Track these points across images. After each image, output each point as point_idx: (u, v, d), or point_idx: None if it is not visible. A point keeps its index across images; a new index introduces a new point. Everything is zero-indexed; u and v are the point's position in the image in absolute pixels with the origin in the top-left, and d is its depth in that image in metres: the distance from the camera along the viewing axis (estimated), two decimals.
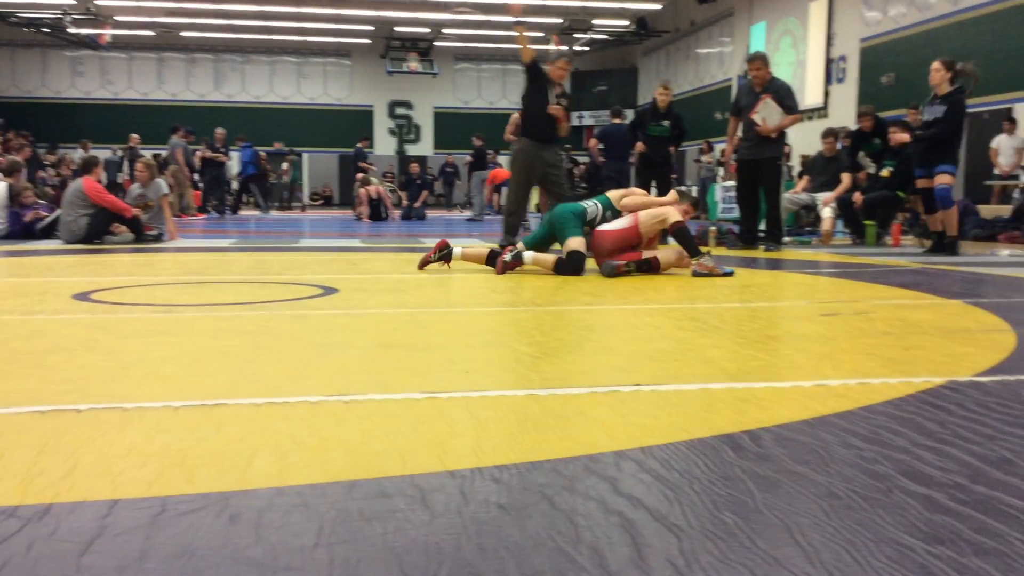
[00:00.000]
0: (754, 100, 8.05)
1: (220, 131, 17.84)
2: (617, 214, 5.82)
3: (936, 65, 7.66)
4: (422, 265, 5.68)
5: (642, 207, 5.77)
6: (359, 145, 20.32)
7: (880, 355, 2.72)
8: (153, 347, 2.83)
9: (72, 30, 24.48)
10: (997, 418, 1.94)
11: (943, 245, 7.97)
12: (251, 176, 18.97)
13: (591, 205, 5.87)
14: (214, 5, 23.07)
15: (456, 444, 1.71)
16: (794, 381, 2.33)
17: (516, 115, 10.79)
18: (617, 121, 11.16)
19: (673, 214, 5.55)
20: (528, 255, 5.61)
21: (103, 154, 19.29)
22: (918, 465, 1.60)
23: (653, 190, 9.39)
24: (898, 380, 2.33)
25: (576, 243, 5.64)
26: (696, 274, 5.36)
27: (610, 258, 5.62)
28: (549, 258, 5.64)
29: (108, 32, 24.66)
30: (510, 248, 5.64)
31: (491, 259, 5.68)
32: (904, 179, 9.21)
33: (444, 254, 5.70)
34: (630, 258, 5.54)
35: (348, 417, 1.91)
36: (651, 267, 5.53)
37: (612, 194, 6.02)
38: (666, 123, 9.44)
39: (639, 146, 9.55)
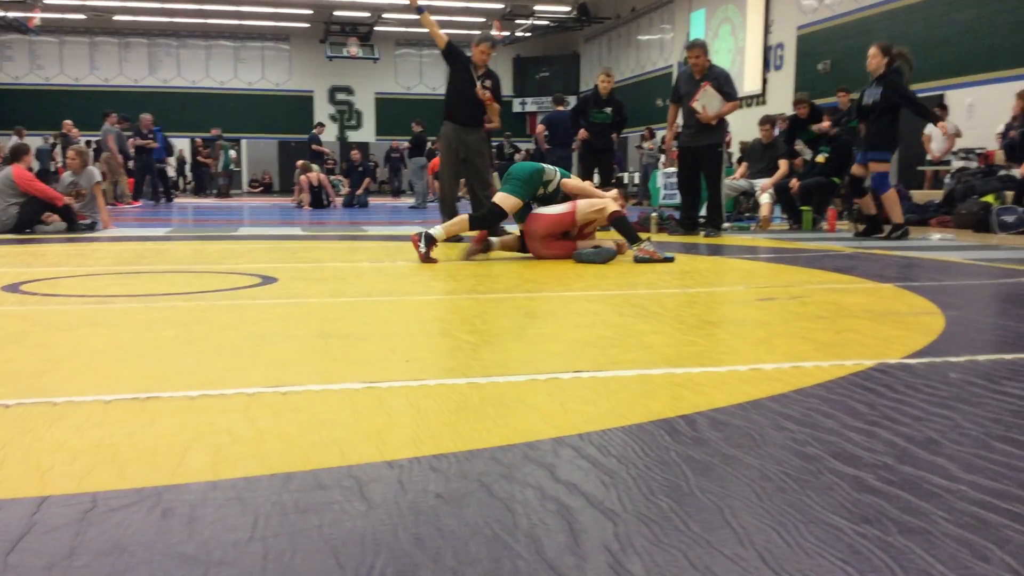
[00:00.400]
0: (694, 87, 8.11)
1: (146, 116, 17.37)
2: (563, 196, 5.83)
3: (873, 51, 7.77)
4: (468, 256, 5.59)
5: (582, 193, 5.80)
6: (314, 131, 20.19)
7: (814, 339, 2.78)
8: (85, 339, 2.77)
9: (0, 13, 23.73)
10: (925, 399, 1.99)
11: (877, 228, 8.10)
12: (161, 160, 18.50)
13: (551, 169, 5.87)
14: None
15: (395, 434, 1.71)
16: (731, 366, 2.36)
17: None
18: (561, 108, 11.20)
19: (612, 204, 5.63)
20: (436, 229, 5.52)
21: (34, 141, 18.75)
22: (847, 446, 1.64)
23: (596, 176, 9.45)
24: (830, 363, 2.38)
25: (501, 198, 5.67)
26: (637, 260, 5.41)
27: (543, 242, 5.66)
28: (461, 219, 5.70)
29: (38, 15, 23.97)
30: (417, 236, 5.42)
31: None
32: (839, 165, 9.41)
33: (485, 246, 5.67)
34: (564, 247, 5.60)
35: (285, 408, 1.89)
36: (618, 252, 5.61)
37: (570, 176, 6.03)
38: (608, 110, 9.48)
39: (582, 133, 9.58)
